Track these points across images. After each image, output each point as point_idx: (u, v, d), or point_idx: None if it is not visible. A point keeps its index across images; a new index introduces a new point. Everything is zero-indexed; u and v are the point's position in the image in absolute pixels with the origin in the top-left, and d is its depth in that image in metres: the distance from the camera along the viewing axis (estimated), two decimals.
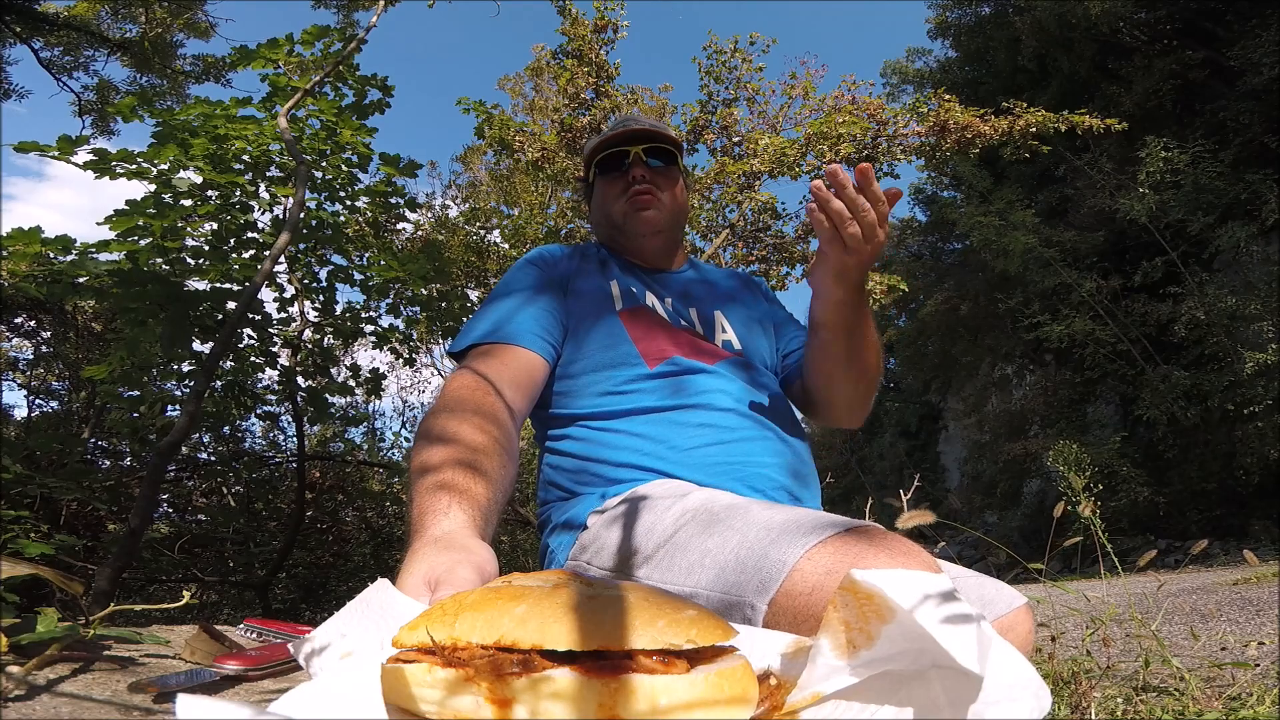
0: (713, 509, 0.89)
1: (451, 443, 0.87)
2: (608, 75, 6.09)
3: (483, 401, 0.98)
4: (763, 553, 0.76)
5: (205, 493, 5.32)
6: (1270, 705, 1.37)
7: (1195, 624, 3.33)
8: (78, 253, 2.95)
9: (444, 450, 0.85)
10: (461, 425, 0.91)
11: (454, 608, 0.46)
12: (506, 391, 1.02)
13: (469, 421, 0.92)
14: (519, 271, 1.26)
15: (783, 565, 0.73)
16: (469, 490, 0.79)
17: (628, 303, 1.24)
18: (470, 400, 0.97)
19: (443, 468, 0.82)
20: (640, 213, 1.30)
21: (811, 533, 0.75)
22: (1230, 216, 12.12)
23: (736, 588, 0.77)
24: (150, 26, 10.44)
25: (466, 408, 0.95)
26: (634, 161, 1.31)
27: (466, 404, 0.96)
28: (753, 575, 0.76)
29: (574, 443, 1.16)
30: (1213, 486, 11.82)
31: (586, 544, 1.04)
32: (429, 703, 0.42)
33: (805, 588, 0.71)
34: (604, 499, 1.07)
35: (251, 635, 1.00)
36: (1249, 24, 12.40)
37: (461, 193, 13.57)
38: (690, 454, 1.09)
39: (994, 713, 0.40)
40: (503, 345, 1.11)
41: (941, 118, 5.96)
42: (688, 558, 0.85)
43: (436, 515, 0.76)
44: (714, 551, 0.82)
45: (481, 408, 0.96)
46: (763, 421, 1.15)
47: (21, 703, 0.62)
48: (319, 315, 4.01)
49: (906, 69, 23.33)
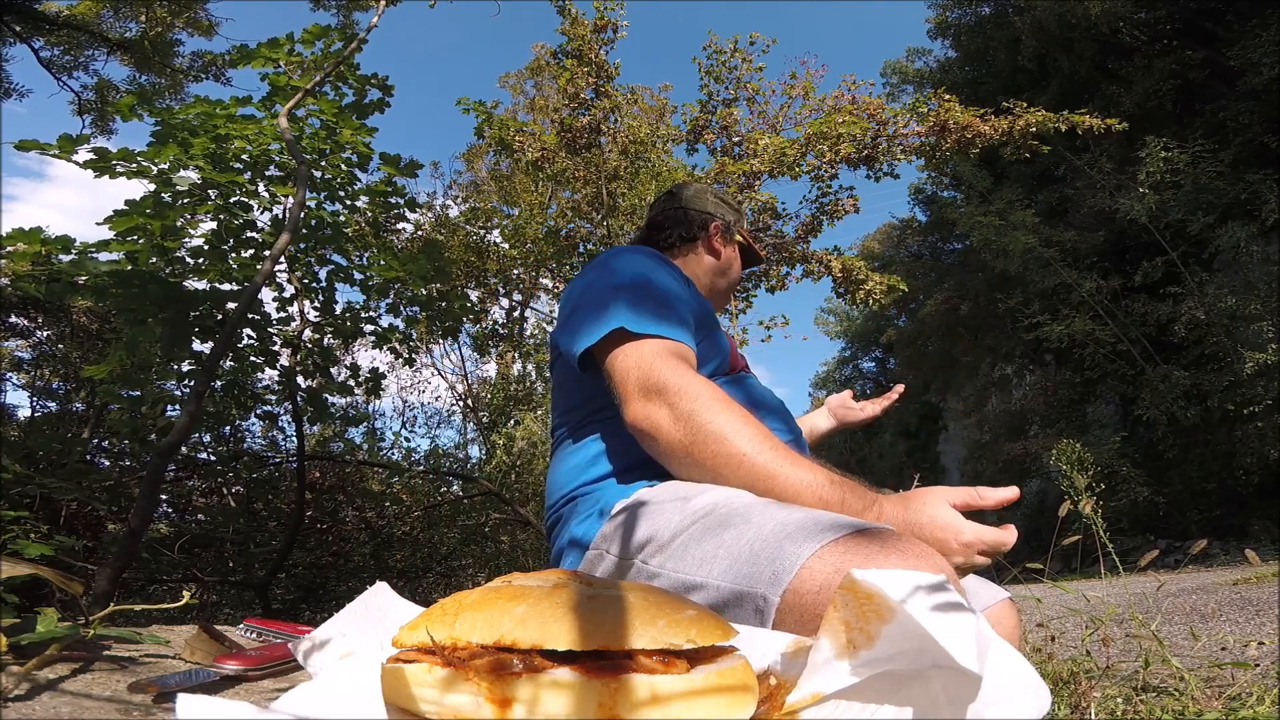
0: (733, 504, 0.90)
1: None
2: (607, 75, 6.09)
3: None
4: (777, 545, 0.77)
5: (205, 493, 5.32)
6: (1270, 705, 1.37)
7: (1195, 624, 3.33)
8: (77, 252, 2.95)
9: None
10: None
11: (454, 607, 0.46)
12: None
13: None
14: (657, 269, 1.23)
15: (796, 559, 0.74)
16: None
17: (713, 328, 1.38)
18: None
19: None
20: (734, 293, 1.57)
21: (825, 531, 0.75)
22: (1230, 216, 12.12)
23: (749, 579, 0.77)
24: (150, 26, 10.44)
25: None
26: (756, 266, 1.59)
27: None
28: (766, 567, 0.76)
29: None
30: (1212, 486, 11.82)
31: (609, 534, 1.04)
32: (429, 702, 0.42)
33: (813, 586, 0.71)
34: (640, 486, 1.08)
35: (251, 635, 1.00)
36: (1249, 24, 12.40)
37: (463, 192, 13.58)
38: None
39: (993, 712, 0.40)
40: (689, 355, 1.11)
41: (941, 118, 5.96)
42: (702, 548, 0.85)
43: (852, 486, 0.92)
44: (729, 544, 0.83)
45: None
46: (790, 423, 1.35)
47: (21, 702, 0.62)
48: (319, 315, 4.00)
49: (906, 69, 23.34)
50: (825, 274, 6.48)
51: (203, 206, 3.34)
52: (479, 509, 5.98)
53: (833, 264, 6.39)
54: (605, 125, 6.21)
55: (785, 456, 0.94)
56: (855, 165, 6.15)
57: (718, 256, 1.52)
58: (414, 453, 8.39)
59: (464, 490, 6.56)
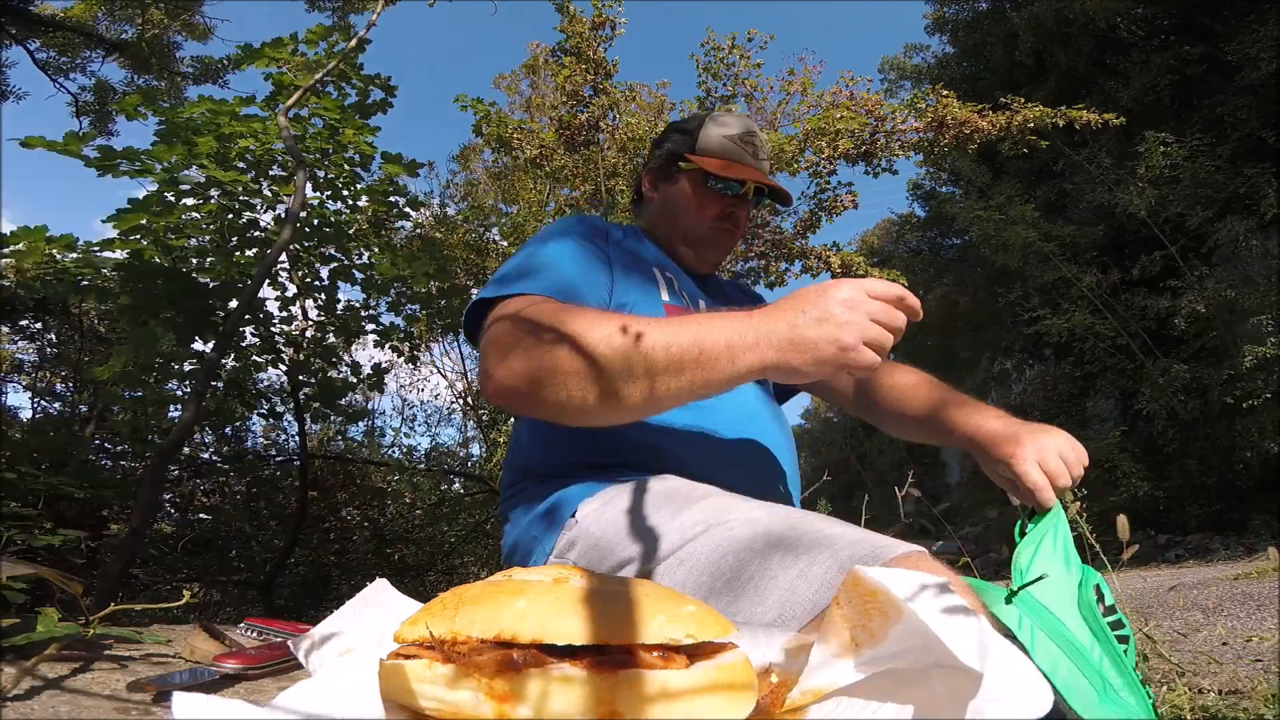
0: (778, 532, 0.80)
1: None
2: (606, 72, 6.08)
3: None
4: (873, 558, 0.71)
5: (208, 492, 5.33)
6: (1270, 699, 1.37)
7: (1196, 618, 3.33)
8: (81, 251, 2.96)
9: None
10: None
11: (454, 602, 0.45)
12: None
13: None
14: (568, 238, 1.12)
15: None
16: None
17: (672, 298, 1.17)
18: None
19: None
20: (718, 246, 1.29)
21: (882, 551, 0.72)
22: (1229, 211, 12.11)
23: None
24: (147, 28, 10.42)
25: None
26: (745, 195, 1.26)
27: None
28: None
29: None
30: (1212, 480, 11.82)
31: (575, 540, 0.96)
32: (429, 698, 0.42)
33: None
34: (606, 485, 1.00)
35: (252, 634, 1.00)
36: (1246, 19, 12.37)
37: (459, 191, 13.56)
38: (721, 441, 1.07)
39: (993, 710, 0.40)
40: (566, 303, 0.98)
41: (939, 113, 5.95)
42: (775, 590, 0.74)
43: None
44: (808, 574, 0.73)
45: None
46: (778, 415, 1.20)
47: (21, 701, 0.62)
48: (321, 313, 4.01)
49: (904, 65, 23.30)
50: (824, 269, 6.48)
51: (205, 205, 3.34)
52: (480, 506, 5.98)
53: (832, 259, 6.39)
54: (604, 122, 6.20)
55: (656, 325, 0.83)
56: (854, 161, 6.14)
57: (651, 203, 1.34)
58: (415, 451, 8.40)
59: (465, 488, 6.56)
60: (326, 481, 5.55)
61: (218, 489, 5.34)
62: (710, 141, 1.25)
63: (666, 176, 1.30)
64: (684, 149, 1.27)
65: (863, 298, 0.80)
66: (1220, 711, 1.34)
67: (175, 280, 3.01)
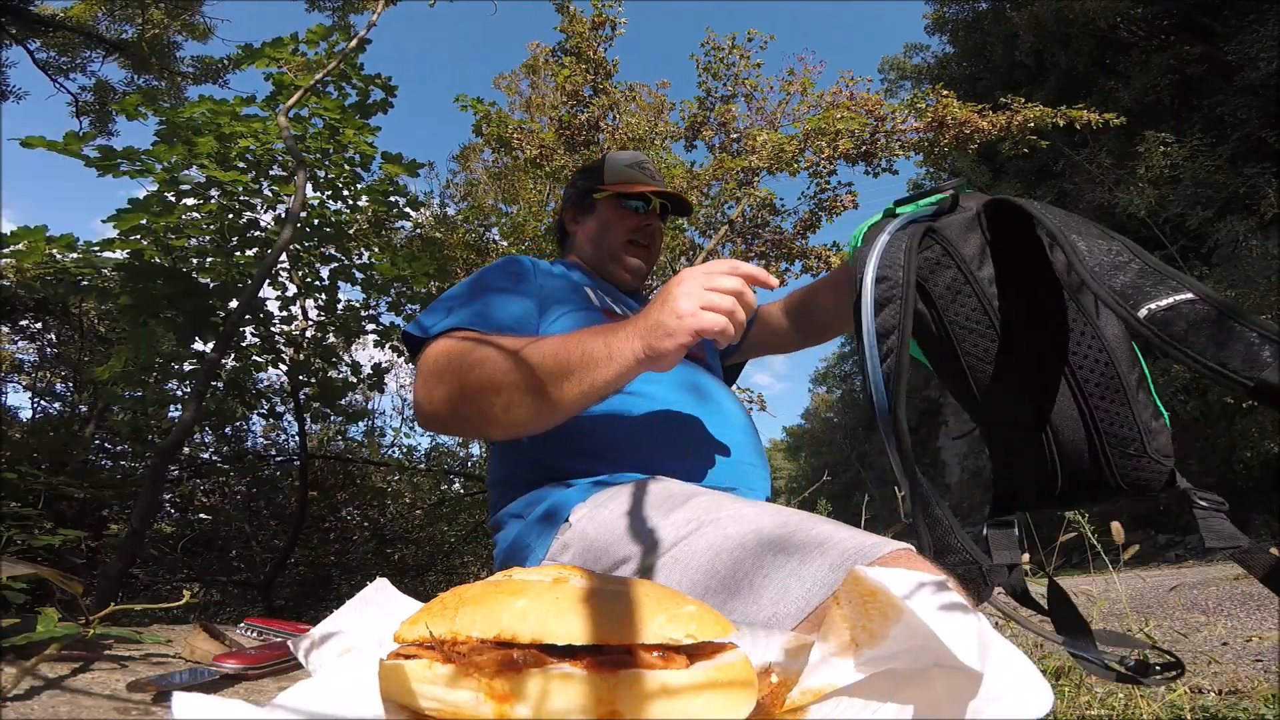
0: (770, 530, 0.81)
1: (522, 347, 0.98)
2: (606, 72, 6.08)
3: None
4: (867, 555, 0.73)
5: (208, 492, 5.33)
6: (1270, 699, 1.37)
7: (1196, 618, 3.33)
8: (82, 251, 2.95)
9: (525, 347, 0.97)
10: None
11: (454, 602, 0.45)
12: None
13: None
14: (494, 272, 1.28)
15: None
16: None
17: (613, 306, 1.34)
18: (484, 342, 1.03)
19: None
20: (634, 257, 1.46)
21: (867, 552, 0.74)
22: (1229, 211, 12.13)
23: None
24: (147, 27, 10.42)
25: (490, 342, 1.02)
26: (654, 211, 1.46)
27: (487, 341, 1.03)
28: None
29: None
30: (1212, 481, 11.82)
31: (569, 543, 0.97)
32: (428, 698, 0.42)
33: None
34: (598, 489, 1.02)
35: (252, 634, 1.00)
36: (1246, 19, 12.39)
37: (459, 191, 13.55)
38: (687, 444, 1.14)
39: (993, 710, 0.40)
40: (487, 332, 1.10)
41: (939, 113, 5.94)
42: (769, 587, 0.75)
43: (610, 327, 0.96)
44: (799, 573, 0.74)
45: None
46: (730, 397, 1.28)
47: (21, 701, 0.62)
48: (321, 313, 4.01)
49: (904, 65, 23.34)
50: (824, 269, 6.48)
51: (206, 205, 3.34)
52: (480, 506, 5.98)
53: (832, 260, 6.39)
54: (604, 122, 6.20)
55: (542, 347, 0.96)
56: (854, 161, 6.13)
57: (574, 236, 1.53)
58: (415, 451, 8.39)
59: (465, 488, 6.56)
60: (326, 481, 5.55)
61: (218, 489, 5.34)
62: (615, 171, 1.48)
63: (585, 210, 1.50)
64: (595, 182, 1.48)
65: (697, 274, 0.93)
66: (1220, 711, 1.34)
67: (175, 280, 3.01)
